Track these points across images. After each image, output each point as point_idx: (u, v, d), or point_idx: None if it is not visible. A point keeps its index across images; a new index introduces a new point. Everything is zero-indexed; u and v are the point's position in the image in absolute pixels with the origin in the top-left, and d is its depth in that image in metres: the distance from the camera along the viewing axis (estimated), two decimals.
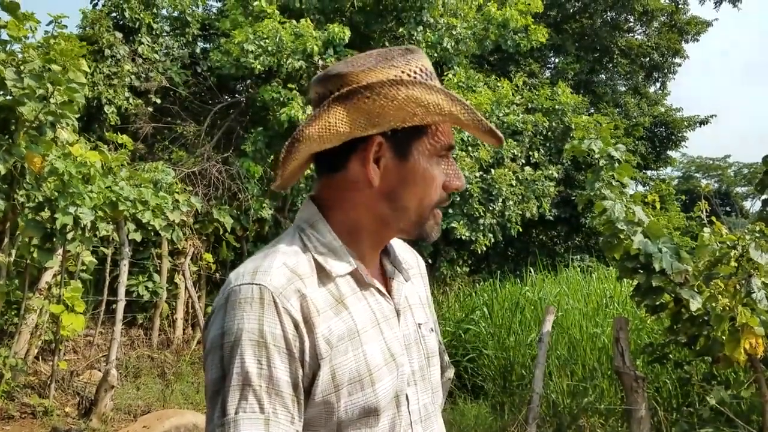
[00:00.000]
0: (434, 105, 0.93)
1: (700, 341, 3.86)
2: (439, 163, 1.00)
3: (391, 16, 10.00)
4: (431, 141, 0.98)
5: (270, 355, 0.85)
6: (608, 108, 15.00)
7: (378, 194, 0.97)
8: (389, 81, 0.93)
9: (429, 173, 0.98)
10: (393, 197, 0.98)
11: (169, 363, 6.53)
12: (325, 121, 0.93)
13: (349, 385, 0.90)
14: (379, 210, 0.98)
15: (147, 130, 8.79)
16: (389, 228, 1.01)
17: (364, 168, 0.96)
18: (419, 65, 0.98)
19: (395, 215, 0.99)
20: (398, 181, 0.97)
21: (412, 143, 0.97)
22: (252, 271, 0.90)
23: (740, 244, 3.70)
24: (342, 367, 0.90)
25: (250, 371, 0.84)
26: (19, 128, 4.08)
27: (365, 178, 0.96)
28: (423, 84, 0.94)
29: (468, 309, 7.95)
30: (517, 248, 11.44)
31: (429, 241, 1.03)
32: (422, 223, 1.00)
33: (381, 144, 0.96)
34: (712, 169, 33.33)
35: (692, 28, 17.45)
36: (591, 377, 5.61)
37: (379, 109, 0.92)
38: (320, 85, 0.99)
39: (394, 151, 0.96)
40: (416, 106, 0.93)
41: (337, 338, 0.90)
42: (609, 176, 4.13)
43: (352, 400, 0.90)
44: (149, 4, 9.21)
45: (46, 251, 4.67)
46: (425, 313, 1.13)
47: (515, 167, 9.12)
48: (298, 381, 0.87)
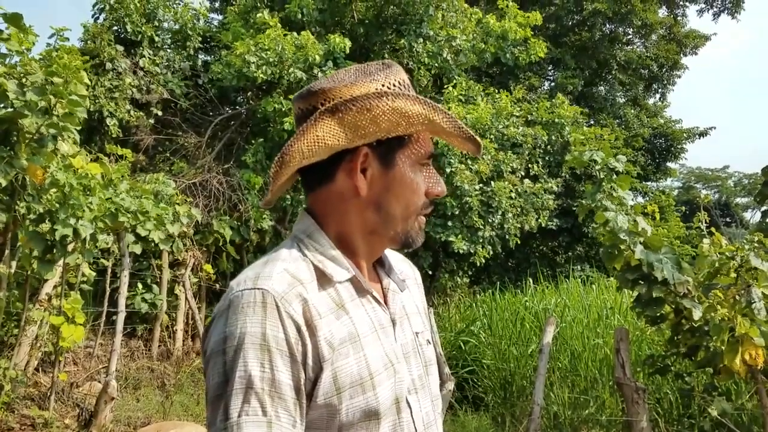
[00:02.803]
0: (417, 114, 0.97)
1: (700, 352, 3.85)
2: (420, 170, 1.04)
3: (391, 28, 10.07)
4: (413, 149, 1.02)
5: (273, 359, 0.86)
6: (608, 119, 15.05)
7: (366, 203, 1.00)
8: (373, 94, 0.96)
9: (413, 180, 1.02)
10: (380, 206, 1.01)
11: (168, 374, 6.50)
12: (313, 135, 0.95)
13: (351, 388, 0.91)
14: (368, 219, 1.01)
15: (148, 141, 8.83)
16: (378, 236, 1.04)
17: (352, 179, 0.99)
18: (398, 79, 1.02)
19: (383, 224, 1.01)
20: (384, 190, 1.00)
21: (396, 152, 1.00)
22: (254, 277, 0.92)
23: (739, 254, 3.71)
24: (344, 369, 0.91)
25: (252, 374, 0.84)
26: (20, 140, 4.10)
27: (353, 189, 0.99)
28: (404, 95, 0.97)
29: (468, 320, 7.93)
30: (517, 259, 11.43)
31: (414, 248, 1.06)
32: (407, 230, 1.03)
33: (367, 155, 0.99)
34: (711, 179, 33.38)
35: (691, 41, 17.55)
36: (592, 388, 5.59)
37: (364, 121, 0.95)
38: (303, 101, 1.02)
39: (380, 161, 1.00)
40: (400, 116, 0.96)
41: (338, 341, 0.92)
42: (609, 187, 4.14)
43: (353, 403, 0.91)
44: (151, 18, 9.29)
45: (47, 263, 4.67)
46: (422, 322, 1.14)
47: (515, 180, 9.14)
48: (300, 384, 0.88)
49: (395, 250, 1.09)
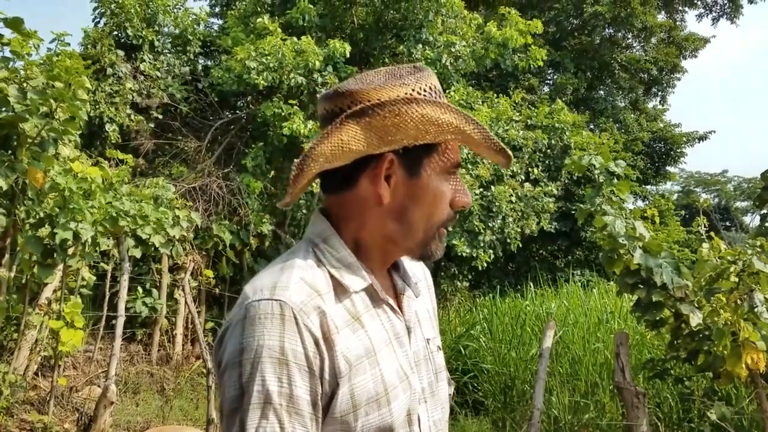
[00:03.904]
0: (447, 123, 0.94)
1: (700, 357, 3.85)
2: (447, 180, 1.00)
3: (391, 33, 10.09)
4: (441, 158, 0.98)
5: (291, 373, 0.84)
6: (608, 123, 15.08)
7: (387, 212, 0.97)
8: (402, 99, 0.93)
9: (438, 190, 0.98)
10: (402, 215, 0.97)
11: (168, 379, 6.50)
12: (338, 138, 0.92)
13: (367, 405, 0.90)
14: (388, 228, 0.98)
15: (148, 146, 8.84)
16: (397, 246, 1.01)
17: (375, 185, 0.96)
18: (429, 83, 0.98)
19: (403, 233, 0.98)
20: (408, 199, 0.97)
21: (422, 161, 0.97)
22: (271, 286, 0.89)
23: (741, 258, 3.70)
24: (360, 386, 0.89)
25: (270, 389, 0.83)
26: (21, 144, 4.11)
27: (376, 196, 0.96)
28: (435, 102, 0.94)
29: (468, 324, 7.92)
30: (517, 263, 11.43)
31: (432, 260, 1.02)
32: (428, 242, 1.00)
33: (392, 161, 0.96)
34: (711, 184, 33.39)
35: (690, 44, 17.59)
36: (592, 393, 5.58)
37: (392, 127, 0.92)
38: (329, 101, 0.99)
39: (405, 169, 0.96)
40: (429, 124, 0.93)
41: (355, 357, 0.90)
42: (608, 191, 4.15)
43: (368, 420, 0.90)
44: (151, 22, 9.31)
45: (46, 267, 4.67)
46: (432, 328, 1.13)
47: (515, 184, 9.14)
48: (317, 399, 0.86)
49: (414, 260, 1.06)
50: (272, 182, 8.74)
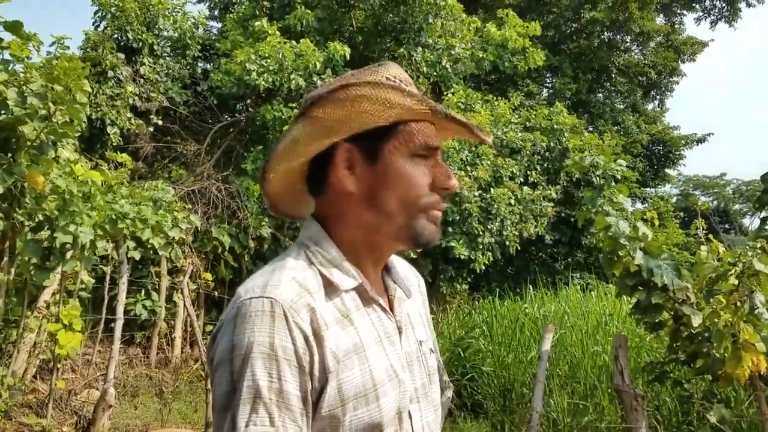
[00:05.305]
0: (383, 99, 0.93)
1: (699, 359, 3.85)
2: (418, 163, 0.99)
3: (390, 36, 10.11)
4: (403, 140, 0.98)
5: (280, 369, 0.85)
6: (606, 126, 15.09)
7: (359, 200, 0.99)
8: (337, 87, 0.94)
9: (405, 173, 0.98)
10: (374, 201, 0.98)
11: (167, 382, 6.49)
12: (289, 136, 0.98)
13: (355, 399, 0.90)
14: (365, 217, 0.99)
15: (148, 149, 8.85)
16: (380, 235, 1.00)
17: (337, 176, 0.98)
18: (390, 74, 0.99)
19: (381, 221, 0.99)
20: (374, 185, 0.98)
21: (381, 145, 0.98)
22: (262, 285, 0.91)
23: (741, 260, 3.70)
24: (348, 382, 0.90)
25: (260, 384, 0.84)
26: (20, 147, 4.11)
27: (342, 186, 0.98)
28: (375, 83, 0.94)
29: (467, 327, 7.91)
30: (516, 266, 11.42)
31: (426, 244, 1.01)
32: (412, 225, 0.99)
33: (350, 150, 0.98)
34: (709, 186, 33.45)
35: (688, 48, 17.63)
36: (591, 395, 5.57)
37: (331, 115, 0.94)
38: (299, 108, 1.04)
39: (364, 155, 0.98)
40: (366, 103, 0.93)
41: (343, 353, 0.91)
42: (609, 192, 4.15)
43: (357, 415, 0.90)
44: (151, 26, 9.33)
45: (44, 270, 4.67)
46: (425, 331, 1.13)
47: (514, 186, 9.15)
48: (307, 395, 0.87)
49: (409, 248, 1.05)
50: None
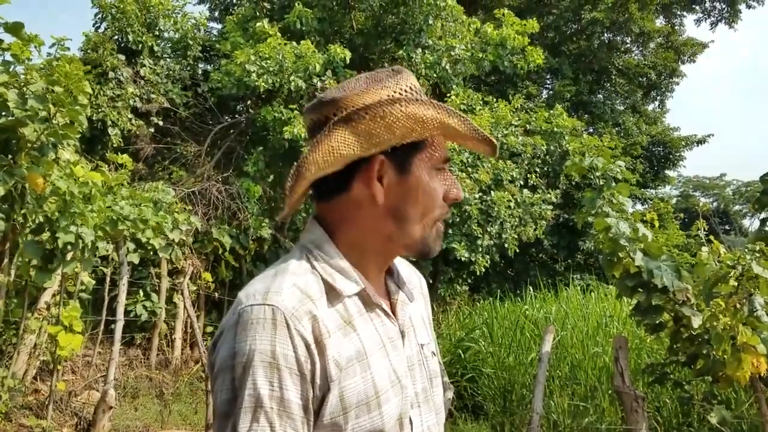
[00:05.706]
0: (431, 119, 0.96)
1: (699, 361, 3.85)
2: (437, 175, 1.02)
3: (390, 38, 10.11)
4: (429, 154, 1.00)
5: (282, 377, 0.85)
6: (607, 127, 15.09)
7: (383, 212, 0.99)
8: (385, 101, 0.95)
9: (430, 186, 1.00)
10: (397, 213, 0.99)
11: (167, 383, 6.48)
12: (328, 145, 0.94)
13: (357, 407, 0.90)
14: (385, 228, 0.99)
15: (148, 150, 8.85)
16: (395, 245, 1.02)
17: (369, 188, 0.97)
18: (409, 84, 1.01)
19: (400, 231, 1.00)
20: (402, 197, 0.99)
21: (412, 159, 0.99)
22: (263, 291, 0.90)
23: (741, 263, 3.69)
24: (350, 389, 0.90)
25: (262, 393, 0.84)
26: (20, 149, 4.10)
27: (370, 197, 0.98)
28: (417, 100, 0.96)
29: (467, 328, 7.92)
30: (517, 267, 11.43)
31: (431, 256, 1.03)
32: (425, 237, 1.01)
33: (383, 162, 0.97)
34: (709, 188, 33.44)
35: (688, 49, 17.63)
36: (592, 397, 5.57)
37: (379, 129, 0.94)
38: (315, 112, 1.01)
39: (395, 168, 0.98)
40: (414, 122, 0.95)
41: (346, 360, 0.91)
42: (609, 194, 4.14)
43: (359, 423, 0.90)
44: (151, 27, 9.34)
45: (45, 272, 4.66)
46: (427, 333, 1.13)
47: (514, 189, 9.14)
48: (309, 403, 0.87)
49: (414, 257, 1.06)
50: (272, 186, 8.75)
